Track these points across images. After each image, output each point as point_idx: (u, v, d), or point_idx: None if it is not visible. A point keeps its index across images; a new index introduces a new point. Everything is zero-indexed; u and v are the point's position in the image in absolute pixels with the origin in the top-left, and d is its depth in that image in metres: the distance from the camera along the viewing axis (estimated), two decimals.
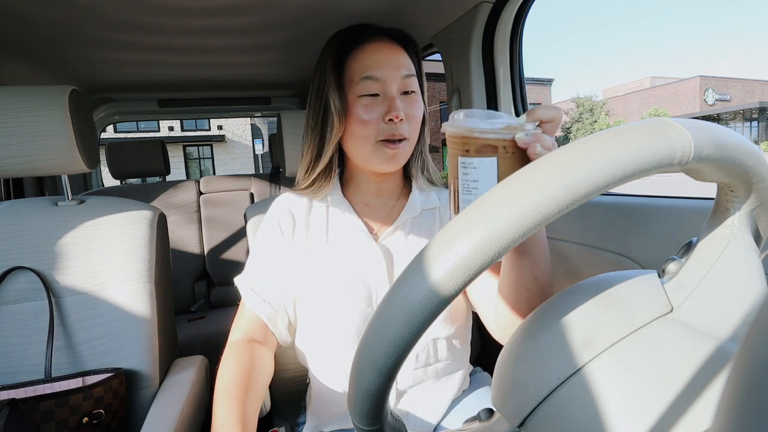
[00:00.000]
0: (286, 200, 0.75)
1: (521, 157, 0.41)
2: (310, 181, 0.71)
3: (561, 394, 0.31)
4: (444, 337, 0.71)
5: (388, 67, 0.65)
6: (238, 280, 0.74)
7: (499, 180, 0.41)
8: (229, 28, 1.23)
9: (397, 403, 0.73)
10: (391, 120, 0.64)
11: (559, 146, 0.28)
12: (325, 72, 0.68)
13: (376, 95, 0.66)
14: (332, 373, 0.73)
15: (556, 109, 0.43)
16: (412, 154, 0.73)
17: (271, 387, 0.84)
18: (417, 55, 0.72)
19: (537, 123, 0.43)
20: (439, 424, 0.76)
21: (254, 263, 0.74)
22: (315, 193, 0.72)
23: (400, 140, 0.66)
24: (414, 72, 0.69)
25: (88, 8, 1.03)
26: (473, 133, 0.40)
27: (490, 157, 0.40)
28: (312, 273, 0.71)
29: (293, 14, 1.15)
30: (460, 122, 0.41)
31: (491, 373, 0.86)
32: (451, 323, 0.71)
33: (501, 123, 0.40)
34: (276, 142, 1.66)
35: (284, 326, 0.72)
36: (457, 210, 0.44)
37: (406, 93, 0.67)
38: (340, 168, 0.77)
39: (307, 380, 0.81)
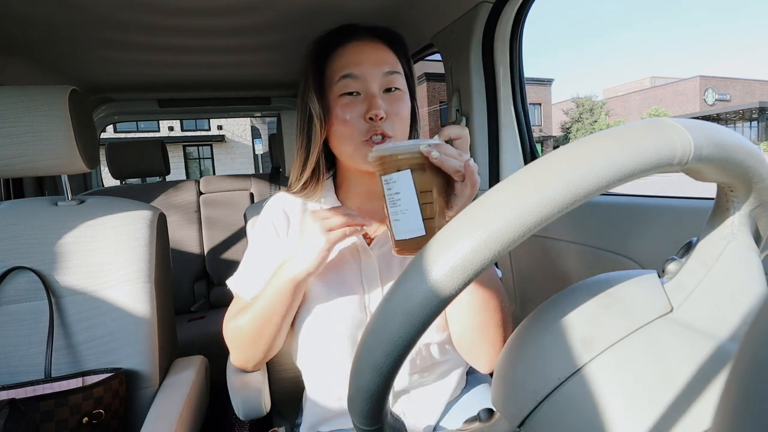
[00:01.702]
0: (281, 200, 0.75)
1: (434, 168, 0.49)
2: (300, 185, 0.71)
3: (561, 394, 0.31)
4: (436, 342, 0.71)
5: (368, 64, 0.64)
6: (232, 282, 0.74)
7: (416, 188, 0.48)
8: (229, 28, 1.23)
9: (393, 404, 0.73)
10: (371, 119, 0.63)
11: (559, 146, 0.28)
12: (306, 75, 0.67)
13: (357, 94, 0.65)
14: (325, 376, 0.73)
15: (462, 128, 0.54)
16: None
17: (271, 387, 0.84)
18: (405, 55, 0.71)
19: (447, 139, 0.52)
20: (438, 424, 0.76)
21: (249, 265, 0.74)
22: (308, 196, 0.72)
23: (383, 138, 0.65)
24: (399, 70, 0.68)
25: (88, 8, 1.03)
26: (387, 152, 0.48)
27: (405, 170, 0.48)
28: None
29: (293, 14, 1.15)
30: (377, 148, 0.49)
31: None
32: (442, 330, 0.71)
33: (411, 142, 0.48)
34: (276, 142, 1.66)
35: None
36: (389, 226, 0.50)
37: (389, 90, 0.66)
38: (333, 170, 0.77)
39: None
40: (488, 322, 0.60)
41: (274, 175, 2.18)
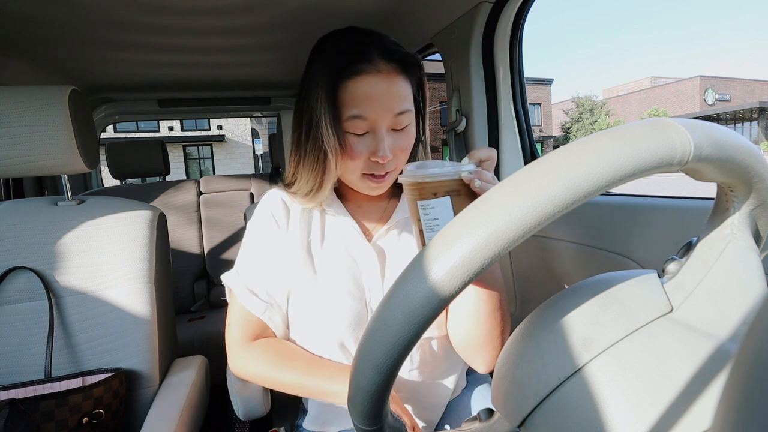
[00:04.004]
0: (280, 193, 0.74)
1: (470, 192, 0.49)
2: (306, 193, 0.69)
3: (561, 394, 0.31)
4: (437, 337, 0.71)
5: (379, 107, 0.61)
6: (228, 278, 0.72)
7: (455, 214, 0.46)
8: (229, 28, 1.23)
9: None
10: (377, 160, 0.63)
11: (559, 146, 0.28)
12: (316, 101, 0.62)
13: (365, 133, 0.63)
14: None
15: (491, 150, 0.54)
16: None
17: None
18: (420, 79, 0.68)
19: (478, 162, 0.52)
20: (438, 423, 0.76)
21: (247, 259, 0.72)
22: (309, 200, 0.70)
23: (385, 174, 0.66)
24: (410, 105, 0.65)
25: (88, 8, 1.03)
26: (426, 179, 0.47)
27: (444, 197, 0.48)
28: (306, 272, 0.70)
29: (293, 14, 1.15)
30: (414, 172, 0.48)
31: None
32: (444, 327, 0.71)
33: (448, 167, 0.48)
34: (276, 142, 1.66)
35: (283, 324, 0.71)
36: (422, 248, 0.49)
37: (396, 129, 0.65)
38: None
39: None
40: (495, 329, 0.60)
41: (274, 175, 2.18)
